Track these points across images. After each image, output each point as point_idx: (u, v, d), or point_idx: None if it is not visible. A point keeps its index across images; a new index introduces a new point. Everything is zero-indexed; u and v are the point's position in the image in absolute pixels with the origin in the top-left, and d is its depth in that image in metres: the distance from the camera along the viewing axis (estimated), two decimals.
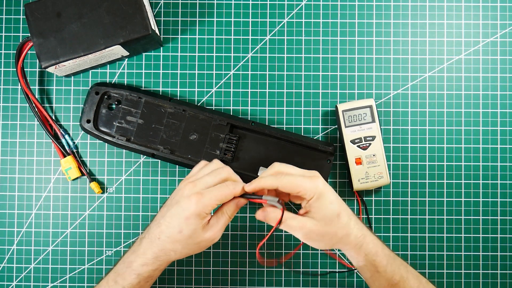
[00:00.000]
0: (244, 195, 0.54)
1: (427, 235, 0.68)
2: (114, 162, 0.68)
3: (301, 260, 0.68)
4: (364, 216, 0.68)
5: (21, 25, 0.69)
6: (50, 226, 0.68)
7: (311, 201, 0.52)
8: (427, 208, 0.68)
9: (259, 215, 0.54)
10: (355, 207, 0.68)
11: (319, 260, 0.68)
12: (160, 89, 0.68)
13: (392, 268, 0.54)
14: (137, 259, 0.54)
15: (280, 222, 0.52)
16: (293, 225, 0.53)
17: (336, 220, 0.53)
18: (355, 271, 0.68)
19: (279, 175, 0.53)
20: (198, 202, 0.51)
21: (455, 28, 0.69)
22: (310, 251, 0.68)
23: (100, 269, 0.67)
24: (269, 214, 0.53)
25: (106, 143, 0.67)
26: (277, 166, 0.55)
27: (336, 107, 0.66)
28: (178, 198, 0.53)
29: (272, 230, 0.53)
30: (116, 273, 0.55)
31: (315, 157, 0.65)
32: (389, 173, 0.67)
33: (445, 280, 0.67)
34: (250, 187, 0.54)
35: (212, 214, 0.55)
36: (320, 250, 0.67)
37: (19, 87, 0.68)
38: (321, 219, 0.52)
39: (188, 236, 0.52)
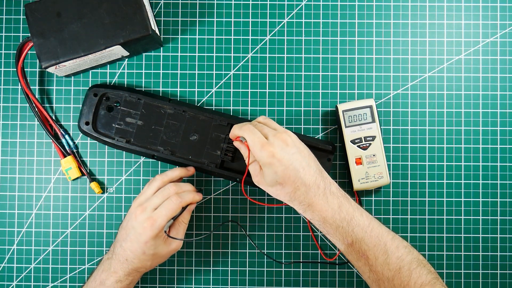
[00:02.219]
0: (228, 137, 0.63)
1: (427, 235, 0.68)
2: (114, 162, 0.68)
3: (301, 256, 0.68)
4: None
5: (21, 25, 0.68)
6: (50, 226, 0.68)
7: (260, 163, 0.57)
8: (427, 208, 0.68)
9: (236, 143, 0.61)
10: None
11: (319, 257, 0.68)
12: (160, 89, 0.68)
13: (343, 231, 0.57)
14: (109, 277, 0.59)
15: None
16: (250, 166, 0.60)
17: (279, 187, 0.57)
18: (356, 271, 0.68)
19: (245, 127, 0.58)
20: (152, 226, 0.57)
21: (455, 28, 0.69)
22: (310, 251, 0.68)
23: None
24: (242, 149, 0.60)
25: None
26: (257, 119, 0.61)
27: (336, 107, 0.66)
28: (133, 224, 0.58)
29: (247, 166, 0.60)
30: None
31: (315, 156, 0.65)
32: (389, 173, 0.67)
33: (445, 280, 0.67)
34: (230, 135, 0.61)
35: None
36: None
37: (19, 87, 0.68)
38: (266, 180, 0.57)
39: (152, 254, 0.59)
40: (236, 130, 0.59)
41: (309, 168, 0.57)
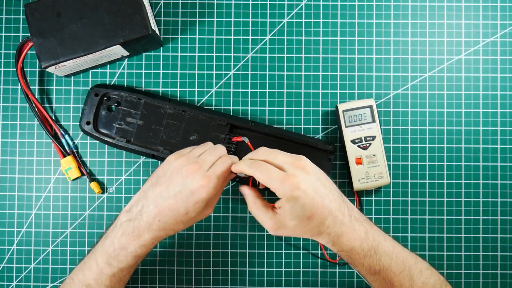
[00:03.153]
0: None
1: (427, 235, 0.68)
2: (114, 162, 0.68)
3: (301, 256, 0.68)
4: None
5: (21, 25, 0.68)
6: (50, 226, 0.68)
7: (281, 200, 0.51)
8: (427, 208, 0.68)
9: (243, 189, 0.56)
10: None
11: (319, 259, 0.68)
12: (160, 89, 0.68)
13: (371, 260, 0.53)
14: (132, 242, 0.53)
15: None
16: (259, 217, 0.53)
17: (306, 222, 0.51)
18: (356, 272, 0.68)
19: (256, 164, 0.52)
20: (209, 185, 0.51)
21: (455, 28, 0.69)
22: (311, 251, 0.68)
23: None
24: (243, 191, 0.56)
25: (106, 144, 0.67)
26: (261, 152, 0.54)
27: (337, 107, 0.66)
28: (185, 180, 0.52)
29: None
30: (106, 254, 0.54)
31: (315, 156, 0.65)
32: (389, 173, 0.67)
33: None
34: (233, 169, 0.55)
35: None
36: None
37: (19, 87, 0.68)
38: (290, 220, 0.51)
39: (193, 217, 0.53)
40: (245, 168, 0.53)
41: (332, 194, 0.53)
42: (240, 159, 0.65)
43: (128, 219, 0.54)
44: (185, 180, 0.52)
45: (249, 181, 0.61)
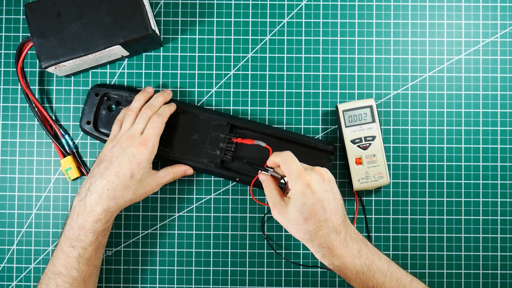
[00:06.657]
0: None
1: (427, 235, 0.68)
2: None
3: (301, 256, 0.68)
4: (361, 216, 0.68)
5: (21, 25, 0.69)
6: (50, 226, 0.68)
7: (291, 191, 0.55)
8: (427, 208, 0.68)
9: (261, 176, 0.59)
10: (354, 207, 0.68)
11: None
12: (160, 89, 0.68)
13: (363, 276, 0.55)
14: (87, 219, 0.57)
15: (253, 184, 0.62)
16: (268, 195, 0.57)
17: (302, 222, 0.55)
18: None
19: (285, 154, 0.56)
20: (146, 145, 0.58)
21: (455, 28, 0.69)
22: (310, 251, 0.68)
23: (100, 268, 0.67)
24: (260, 177, 0.59)
25: None
26: (287, 154, 0.57)
27: (337, 107, 0.66)
28: (125, 150, 0.58)
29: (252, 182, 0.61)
30: (68, 239, 0.58)
31: (315, 156, 0.65)
32: (389, 173, 0.67)
33: (445, 280, 0.67)
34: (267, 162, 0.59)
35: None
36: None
37: (19, 87, 0.68)
38: (290, 212, 0.55)
39: (139, 180, 0.59)
40: (274, 157, 0.57)
41: (336, 211, 0.55)
42: (240, 158, 0.65)
43: (79, 200, 0.58)
44: (125, 150, 0.58)
45: (252, 180, 0.61)
